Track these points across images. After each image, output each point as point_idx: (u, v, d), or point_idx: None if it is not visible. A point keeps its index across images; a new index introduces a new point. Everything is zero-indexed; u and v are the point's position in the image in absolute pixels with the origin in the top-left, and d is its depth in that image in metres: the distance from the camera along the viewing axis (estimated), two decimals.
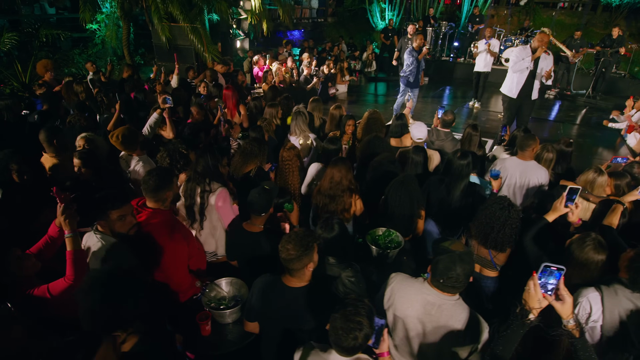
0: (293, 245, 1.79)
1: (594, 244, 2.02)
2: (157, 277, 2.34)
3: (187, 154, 3.05)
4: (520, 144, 3.53)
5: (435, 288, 1.77)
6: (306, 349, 1.68)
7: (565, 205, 2.33)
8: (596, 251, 2.01)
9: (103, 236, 2.05)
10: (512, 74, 5.85)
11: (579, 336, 1.48)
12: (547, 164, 3.58)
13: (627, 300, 1.86)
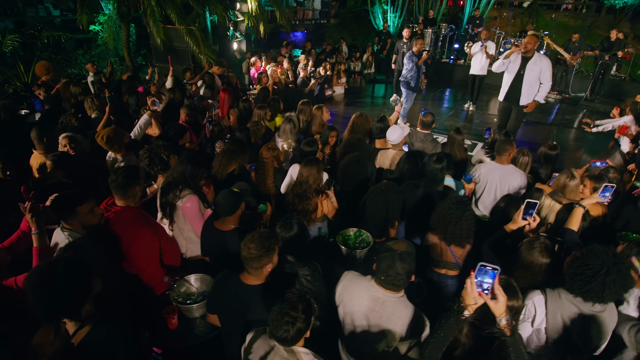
0: (255, 245, 1.88)
1: (541, 248, 2.08)
2: (129, 272, 2.45)
3: (167, 159, 3.15)
4: (497, 148, 3.58)
5: (379, 285, 1.85)
6: (258, 332, 1.76)
7: (523, 218, 2.38)
8: (541, 254, 2.06)
9: (70, 233, 2.16)
10: (504, 76, 5.77)
11: (510, 335, 1.54)
12: (522, 167, 3.63)
13: (570, 303, 1.90)
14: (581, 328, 1.90)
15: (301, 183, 3.10)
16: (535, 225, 2.42)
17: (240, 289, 1.96)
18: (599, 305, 1.86)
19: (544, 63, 5.33)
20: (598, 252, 1.79)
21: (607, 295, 1.74)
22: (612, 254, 1.75)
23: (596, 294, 1.75)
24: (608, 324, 1.91)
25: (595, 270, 1.74)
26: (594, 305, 1.85)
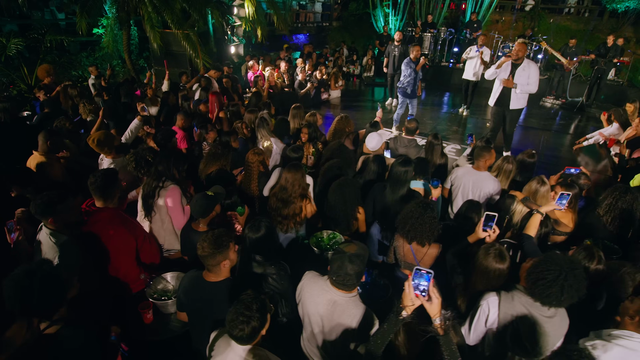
0: (207, 244, 2.01)
1: (495, 254, 2.18)
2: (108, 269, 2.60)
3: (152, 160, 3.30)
4: (475, 154, 3.67)
5: (333, 285, 1.97)
6: (221, 331, 1.88)
7: (484, 230, 2.49)
8: (495, 260, 2.16)
9: (52, 232, 2.32)
10: (495, 83, 5.90)
11: (443, 334, 1.65)
12: (506, 174, 3.70)
13: (522, 306, 2.00)
14: (530, 331, 1.99)
15: (286, 188, 3.19)
16: (495, 236, 2.52)
17: (203, 286, 2.09)
18: (549, 311, 1.95)
19: (532, 69, 5.54)
20: (556, 258, 1.89)
21: (565, 299, 1.83)
22: (568, 260, 1.85)
23: (556, 297, 1.84)
24: (557, 329, 2.00)
25: (555, 275, 1.84)
26: (547, 309, 1.94)
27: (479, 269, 2.19)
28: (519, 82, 5.57)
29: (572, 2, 15.99)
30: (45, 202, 2.24)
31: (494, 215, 2.47)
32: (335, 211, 3.16)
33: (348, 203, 3.11)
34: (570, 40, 9.78)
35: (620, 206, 3.11)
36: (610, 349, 1.79)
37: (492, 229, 2.48)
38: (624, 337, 1.81)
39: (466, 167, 3.71)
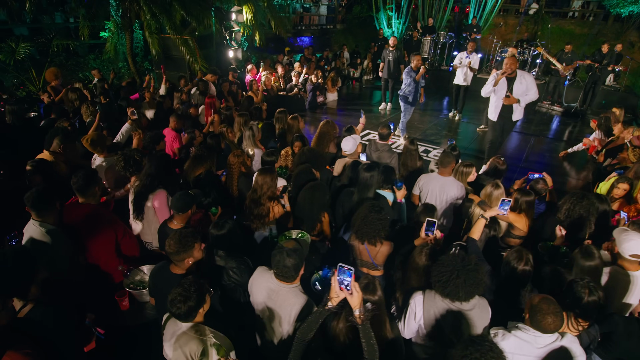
0: (174, 242, 2.28)
1: (426, 252, 2.40)
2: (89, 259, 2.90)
3: (140, 160, 3.59)
4: (440, 161, 3.88)
5: (275, 277, 2.22)
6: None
7: (426, 234, 2.71)
8: (425, 258, 2.39)
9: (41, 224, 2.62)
10: (492, 98, 5.86)
11: (361, 323, 1.89)
12: (464, 176, 3.90)
13: (442, 302, 2.21)
14: (452, 324, 2.22)
15: (256, 190, 3.46)
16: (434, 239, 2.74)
17: (168, 277, 2.36)
18: (466, 304, 2.18)
19: (527, 80, 5.53)
20: (449, 260, 2.12)
21: (462, 294, 2.06)
22: (460, 259, 2.07)
23: (455, 294, 2.07)
24: (477, 320, 2.22)
25: (447, 276, 2.07)
26: (461, 303, 2.17)
27: (412, 266, 2.42)
28: (518, 94, 5.54)
29: (577, 6, 15.93)
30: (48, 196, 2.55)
31: (434, 221, 2.69)
32: (302, 212, 3.41)
33: (315, 206, 3.35)
34: (566, 46, 9.85)
35: (578, 211, 3.28)
36: (507, 338, 2.01)
37: (434, 234, 2.69)
38: (521, 329, 2.03)
39: (432, 173, 3.92)
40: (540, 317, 1.97)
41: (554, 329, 1.97)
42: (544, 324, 1.95)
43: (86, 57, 10.52)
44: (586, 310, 2.21)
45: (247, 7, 8.39)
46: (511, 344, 1.99)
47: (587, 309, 2.21)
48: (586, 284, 2.22)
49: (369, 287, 2.05)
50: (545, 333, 1.98)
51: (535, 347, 1.98)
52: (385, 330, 2.16)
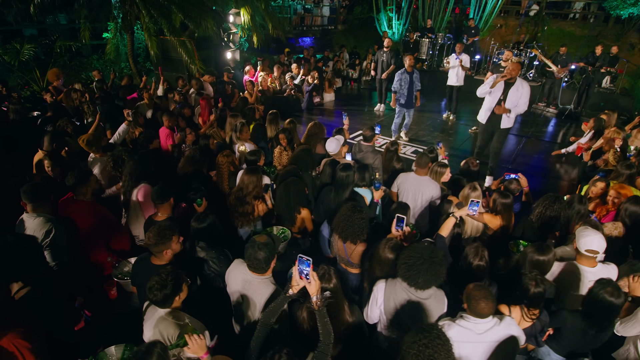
0: (152, 235, 2.48)
1: (390, 246, 2.58)
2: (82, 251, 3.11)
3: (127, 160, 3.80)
4: (417, 161, 4.04)
5: (248, 269, 2.41)
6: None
7: (396, 229, 2.88)
8: (389, 251, 2.56)
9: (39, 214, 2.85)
10: (486, 99, 5.78)
11: (318, 309, 2.06)
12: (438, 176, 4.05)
13: (402, 291, 2.39)
14: (409, 312, 2.38)
15: (242, 189, 3.64)
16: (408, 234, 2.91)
17: (149, 267, 2.55)
18: (422, 293, 2.35)
19: (524, 89, 5.43)
20: (419, 248, 2.29)
21: (421, 281, 2.23)
22: (430, 251, 2.24)
23: (415, 279, 2.24)
24: (432, 310, 2.38)
25: (414, 261, 2.24)
26: (417, 292, 2.33)
27: (376, 257, 2.60)
28: (510, 102, 5.45)
29: (577, 8, 15.92)
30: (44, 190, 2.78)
31: (403, 217, 2.86)
32: (280, 207, 3.59)
33: (292, 201, 3.54)
34: (561, 48, 9.93)
35: (549, 214, 3.43)
36: (452, 327, 2.17)
37: (403, 230, 2.86)
38: (463, 318, 2.19)
39: (409, 172, 4.08)
40: (474, 303, 2.14)
41: (488, 312, 2.13)
42: (479, 309, 2.12)
43: (89, 58, 10.81)
44: (533, 300, 2.38)
45: (244, 9, 8.59)
46: (456, 332, 2.15)
47: (534, 299, 2.38)
48: (533, 277, 2.38)
49: (325, 277, 2.24)
50: (482, 318, 2.14)
51: (477, 333, 2.15)
52: (344, 315, 2.35)
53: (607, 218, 3.75)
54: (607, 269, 2.78)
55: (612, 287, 2.36)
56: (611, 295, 2.34)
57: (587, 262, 2.76)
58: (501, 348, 2.15)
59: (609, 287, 2.36)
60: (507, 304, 2.53)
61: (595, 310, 2.40)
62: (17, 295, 2.25)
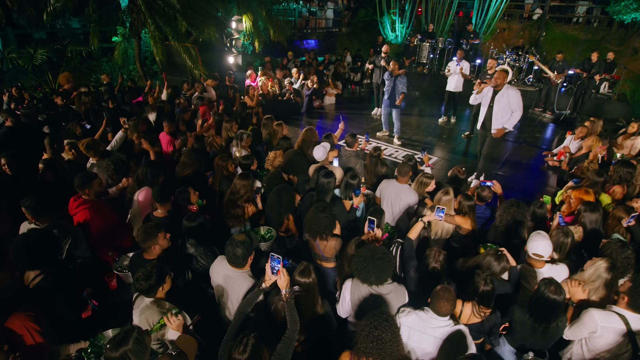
0: (140, 232, 2.81)
1: (355, 244, 2.88)
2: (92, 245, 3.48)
3: (127, 163, 4.15)
4: (398, 170, 4.31)
5: (228, 263, 2.73)
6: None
7: (368, 230, 3.18)
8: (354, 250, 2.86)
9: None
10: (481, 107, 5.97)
11: (287, 301, 2.37)
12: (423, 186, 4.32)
13: (365, 287, 2.68)
14: (372, 305, 2.68)
15: (234, 193, 3.96)
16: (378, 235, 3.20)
17: (141, 261, 2.88)
18: (383, 289, 2.64)
19: (510, 94, 5.60)
20: (363, 252, 2.59)
21: (374, 279, 2.53)
22: (371, 251, 2.54)
23: (367, 278, 2.55)
24: (393, 303, 2.68)
25: (360, 265, 2.55)
26: (378, 287, 2.63)
27: (344, 255, 2.91)
28: (498, 107, 5.67)
29: (581, 12, 15.93)
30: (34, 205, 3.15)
31: (374, 219, 3.15)
32: (271, 211, 3.91)
33: (282, 206, 3.85)
34: (557, 55, 10.09)
35: (506, 217, 3.70)
36: (410, 315, 2.47)
37: (374, 230, 3.16)
38: (424, 311, 2.48)
39: (391, 179, 4.35)
40: (436, 300, 2.42)
41: (444, 312, 2.41)
42: (438, 307, 2.40)
43: (99, 60, 11.26)
44: (483, 298, 2.66)
45: (246, 16, 8.93)
46: (410, 319, 2.45)
47: (483, 297, 2.65)
48: (484, 277, 2.66)
49: (305, 272, 2.55)
50: (439, 315, 2.42)
51: (429, 326, 2.43)
52: (317, 307, 2.65)
53: (568, 218, 4.00)
54: (556, 268, 3.05)
55: (555, 285, 2.62)
56: (554, 293, 2.60)
57: (535, 263, 3.04)
58: (447, 347, 2.42)
59: (551, 285, 2.62)
60: (462, 300, 2.81)
61: (540, 306, 2.67)
62: (31, 284, 2.60)
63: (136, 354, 1.94)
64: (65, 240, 3.18)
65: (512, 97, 5.60)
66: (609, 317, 2.58)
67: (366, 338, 2.10)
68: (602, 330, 2.58)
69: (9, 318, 2.34)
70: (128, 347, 1.92)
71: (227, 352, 2.06)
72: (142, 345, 1.98)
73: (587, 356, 2.71)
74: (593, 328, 2.60)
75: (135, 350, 1.93)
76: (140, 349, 1.96)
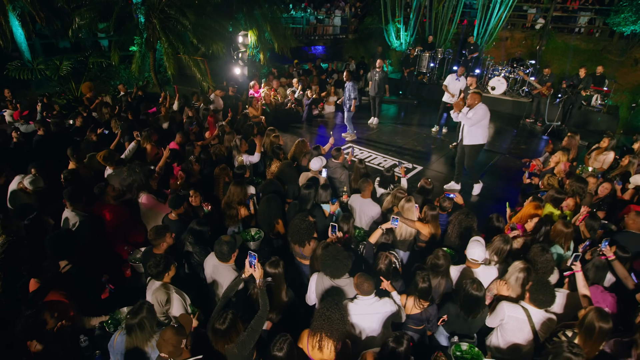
0: (152, 233, 3.54)
1: (322, 246, 3.55)
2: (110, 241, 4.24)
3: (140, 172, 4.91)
4: (359, 185, 4.94)
5: (217, 258, 3.43)
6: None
7: (331, 234, 3.84)
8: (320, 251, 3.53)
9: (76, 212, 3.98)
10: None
11: (260, 290, 3.05)
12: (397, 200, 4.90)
13: (327, 279, 3.36)
14: (332, 294, 3.34)
15: (229, 197, 4.69)
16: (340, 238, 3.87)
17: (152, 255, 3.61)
18: (340, 281, 3.30)
19: (477, 113, 6.34)
20: (333, 249, 3.25)
21: (329, 272, 3.21)
22: (334, 251, 3.20)
23: (328, 271, 3.22)
24: (348, 291, 3.34)
25: (328, 258, 3.22)
26: (335, 280, 3.29)
27: (314, 255, 3.58)
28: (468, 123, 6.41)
29: (583, 22, 16.19)
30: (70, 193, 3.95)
31: (335, 225, 3.82)
32: (262, 217, 4.59)
33: (272, 213, 4.54)
34: (544, 70, 10.54)
35: (458, 224, 4.32)
36: (352, 303, 3.12)
37: (336, 234, 3.83)
38: (357, 298, 3.12)
39: (357, 194, 4.97)
40: (360, 285, 3.06)
41: (368, 289, 3.05)
42: (363, 288, 3.05)
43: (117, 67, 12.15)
44: (421, 293, 3.30)
45: (252, 32, 9.66)
46: (352, 307, 3.11)
47: (422, 292, 3.29)
48: (422, 275, 3.30)
49: (273, 264, 3.24)
50: (366, 295, 3.07)
51: (366, 305, 3.08)
52: (282, 295, 3.33)
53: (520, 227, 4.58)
54: (489, 269, 3.68)
55: (477, 284, 3.23)
56: (476, 290, 3.21)
57: (471, 265, 3.66)
58: (381, 318, 3.08)
59: (474, 284, 3.24)
60: (406, 294, 3.46)
61: (466, 300, 3.28)
62: (62, 270, 3.36)
63: (149, 320, 2.66)
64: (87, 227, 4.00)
65: (476, 115, 6.32)
66: (515, 309, 3.21)
67: (319, 318, 2.78)
68: (509, 319, 3.21)
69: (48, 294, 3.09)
70: (143, 315, 2.64)
71: (211, 324, 2.76)
72: (152, 314, 2.71)
73: (500, 342, 3.34)
74: (502, 316, 3.23)
75: (148, 317, 2.66)
76: (152, 317, 2.69)
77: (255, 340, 2.79)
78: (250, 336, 2.75)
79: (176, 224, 4.24)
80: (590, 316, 2.89)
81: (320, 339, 2.77)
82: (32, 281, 3.17)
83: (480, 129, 6.43)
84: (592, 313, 2.90)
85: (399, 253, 4.55)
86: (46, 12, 8.75)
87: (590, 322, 2.87)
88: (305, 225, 3.85)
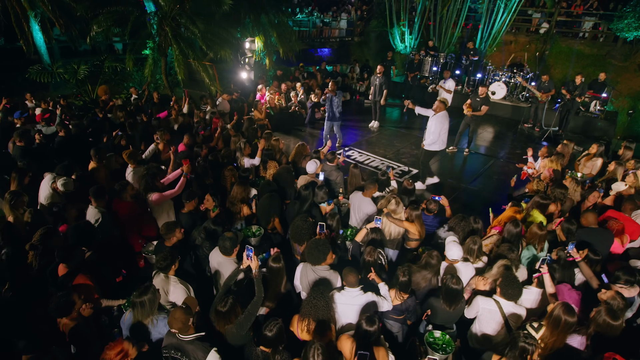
0: (163, 228, 4.00)
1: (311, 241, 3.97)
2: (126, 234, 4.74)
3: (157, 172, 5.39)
4: (366, 185, 5.35)
5: (220, 252, 3.88)
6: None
7: (319, 233, 4.26)
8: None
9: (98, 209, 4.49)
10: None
11: (256, 278, 3.48)
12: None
13: (311, 269, 3.79)
14: (314, 283, 3.76)
15: (233, 195, 5.15)
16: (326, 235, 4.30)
17: (163, 248, 4.07)
18: (321, 271, 3.72)
19: (436, 120, 7.14)
20: (314, 240, 3.68)
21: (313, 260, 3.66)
22: (316, 242, 3.63)
23: (311, 259, 3.67)
24: (332, 280, 3.76)
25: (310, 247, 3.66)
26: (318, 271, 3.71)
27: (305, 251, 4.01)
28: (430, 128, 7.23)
29: (587, 27, 16.30)
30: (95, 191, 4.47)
31: (323, 224, 4.25)
32: (261, 214, 5.05)
33: (271, 211, 4.99)
34: (542, 76, 10.79)
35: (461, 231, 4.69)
36: (338, 293, 3.53)
37: (323, 234, 4.25)
38: (343, 289, 3.54)
39: (359, 191, 5.39)
40: (346, 278, 3.48)
41: (353, 281, 3.46)
42: (348, 280, 3.47)
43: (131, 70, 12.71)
44: (401, 286, 3.70)
45: (258, 38, 10.12)
46: (338, 297, 3.52)
47: (402, 285, 3.69)
48: (402, 270, 3.70)
49: (276, 259, 3.68)
50: (352, 287, 3.48)
51: (351, 297, 3.50)
52: (281, 286, 3.76)
53: (497, 228, 4.95)
54: (466, 265, 4.07)
55: (455, 278, 3.62)
56: (454, 284, 3.60)
57: (451, 262, 4.06)
58: (364, 309, 3.50)
59: (453, 279, 3.63)
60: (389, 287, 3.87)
61: (447, 293, 3.66)
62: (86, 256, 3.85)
63: (150, 300, 3.12)
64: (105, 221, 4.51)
65: (437, 119, 7.01)
66: (488, 302, 3.60)
67: (307, 305, 3.21)
68: (482, 310, 3.61)
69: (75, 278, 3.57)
70: (147, 296, 3.10)
71: (214, 307, 3.21)
72: (154, 296, 3.16)
73: (478, 332, 3.74)
74: (477, 309, 3.63)
75: (151, 299, 3.11)
76: (154, 299, 3.15)
77: (251, 322, 3.23)
78: (247, 318, 3.19)
79: (187, 217, 4.72)
80: (557, 310, 3.24)
81: (308, 323, 3.20)
82: (61, 266, 3.65)
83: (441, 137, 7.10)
84: (559, 307, 3.25)
85: (388, 252, 4.97)
86: (65, 19, 9.31)
87: (557, 315, 3.21)
88: (306, 225, 4.27)
